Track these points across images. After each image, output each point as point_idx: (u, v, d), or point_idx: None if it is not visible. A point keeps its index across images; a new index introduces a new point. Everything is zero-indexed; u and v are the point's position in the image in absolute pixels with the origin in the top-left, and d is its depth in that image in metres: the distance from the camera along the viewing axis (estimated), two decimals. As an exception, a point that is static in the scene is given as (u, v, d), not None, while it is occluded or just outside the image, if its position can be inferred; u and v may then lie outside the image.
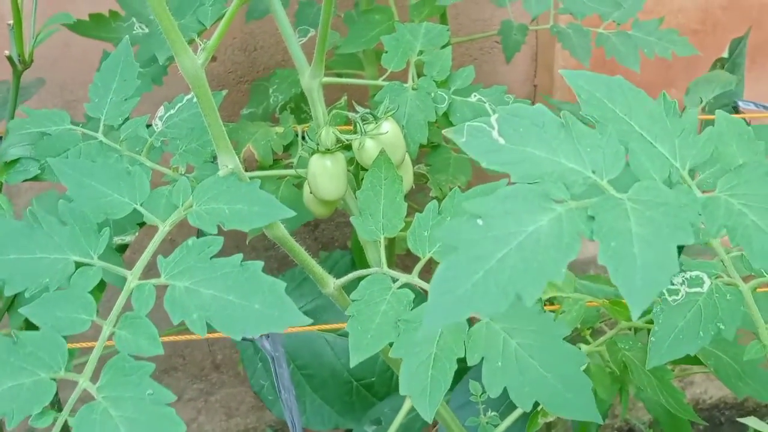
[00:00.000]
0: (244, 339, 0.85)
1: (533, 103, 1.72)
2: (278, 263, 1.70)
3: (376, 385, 1.27)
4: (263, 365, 1.21)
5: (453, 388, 0.94)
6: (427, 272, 0.84)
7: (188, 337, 0.82)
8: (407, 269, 0.83)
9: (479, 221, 0.46)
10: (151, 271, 0.70)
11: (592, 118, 0.53)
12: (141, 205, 0.74)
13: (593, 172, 0.50)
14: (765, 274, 0.73)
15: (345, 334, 0.75)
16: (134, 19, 1.28)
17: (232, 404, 1.82)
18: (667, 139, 0.53)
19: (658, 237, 0.45)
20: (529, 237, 0.45)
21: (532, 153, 0.50)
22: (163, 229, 0.72)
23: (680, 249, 0.58)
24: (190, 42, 1.06)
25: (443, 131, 0.52)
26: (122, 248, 0.98)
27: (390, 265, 1.41)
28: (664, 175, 0.51)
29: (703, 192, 0.51)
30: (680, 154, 0.53)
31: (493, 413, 0.92)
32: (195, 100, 0.73)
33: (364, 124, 0.93)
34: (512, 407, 0.88)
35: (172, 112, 0.92)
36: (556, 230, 0.46)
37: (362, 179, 0.87)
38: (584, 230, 0.46)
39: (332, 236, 1.78)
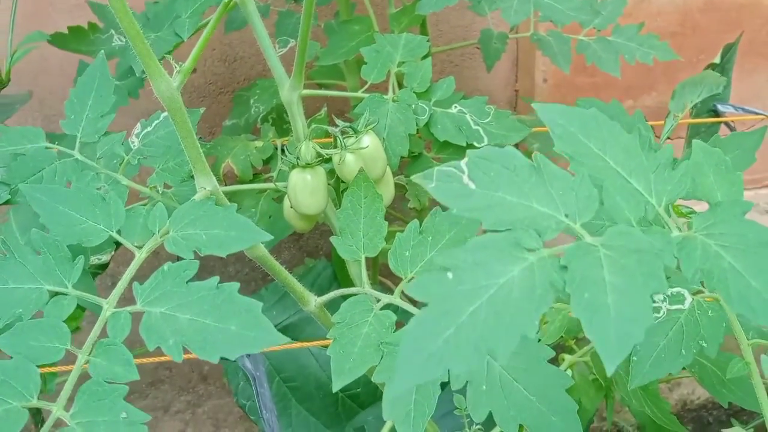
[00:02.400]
0: (223, 357, 0.84)
1: (515, 108, 1.71)
2: (263, 274, 1.69)
3: (362, 395, 1.26)
4: (246, 382, 1.20)
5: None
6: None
7: (169, 358, 0.81)
8: (394, 278, 0.82)
9: (449, 274, 0.44)
10: (130, 293, 0.69)
11: (566, 154, 0.52)
12: (117, 231, 0.73)
13: (566, 215, 0.48)
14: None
15: (330, 346, 0.74)
16: (113, 31, 1.27)
17: (219, 415, 1.81)
18: (642, 175, 0.52)
19: (632, 287, 0.43)
20: (501, 289, 0.44)
21: (504, 198, 0.48)
22: (140, 256, 0.71)
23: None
24: (169, 53, 1.06)
25: (412, 177, 0.50)
26: (101, 267, 0.97)
27: (375, 276, 1.41)
28: (639, 213, 0.50)
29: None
30: (656, 189, 0.51)
31: (477, 426, 0.91)
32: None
33: (344, 138, 0.92)
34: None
35: (148, 129, 0.91)
36: (528, 281, 0.44)
37: (343, 192, 0.87)
38: (557, 280, 0.44)
39: (317, 245, 1.77)
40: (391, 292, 0.78)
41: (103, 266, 1.00)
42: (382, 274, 1.44)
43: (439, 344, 0.43)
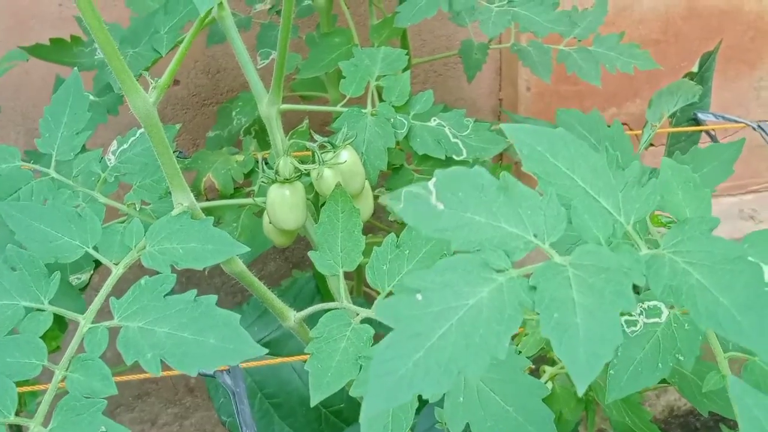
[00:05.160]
0: (202, 374, 0.84)
1: (499, 117, 1.71)
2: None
3: (345, 411, 1.26)
4: (227, 398, 1.19)
5: (419, 411, 0.93)
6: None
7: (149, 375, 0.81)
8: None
9: (418, 296, 0.44)
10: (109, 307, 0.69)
11: (534, 173, 0.52)
12: (93, 247, 0.73)
13: (535, 235, 0.48)
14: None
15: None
16: (96, 45, 1.27)
17: (207, 427, 1.81)
18: (610, 193, 0.52)
19: (600, 306, 0.43)
20: (470, 311, 0.44)
21: (472, 218, 0.48)
22: (117, 272, 0.71)
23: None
24: (147, 69, 1.05)
25: (379, 199, 0.50)
26: (86, 286, 0.97)
27: (360, 287, 1.41)
28: (607, 231, 0.49)
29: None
30: (624, 208, 0.51)
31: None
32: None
33: (322, 153, 0.92)
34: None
35: (125, 146, 0.91)
36: (497, 302, 0.44)
37: (322, 206, 0.87)
38: (526, 300, 0.44)
39: (302, 256, 1.77)
40: (375, 303, 0.78)
41: (88, 283, 1.00)
42: (367, 285, 1.44)
43: (409, 367, 0.43)
